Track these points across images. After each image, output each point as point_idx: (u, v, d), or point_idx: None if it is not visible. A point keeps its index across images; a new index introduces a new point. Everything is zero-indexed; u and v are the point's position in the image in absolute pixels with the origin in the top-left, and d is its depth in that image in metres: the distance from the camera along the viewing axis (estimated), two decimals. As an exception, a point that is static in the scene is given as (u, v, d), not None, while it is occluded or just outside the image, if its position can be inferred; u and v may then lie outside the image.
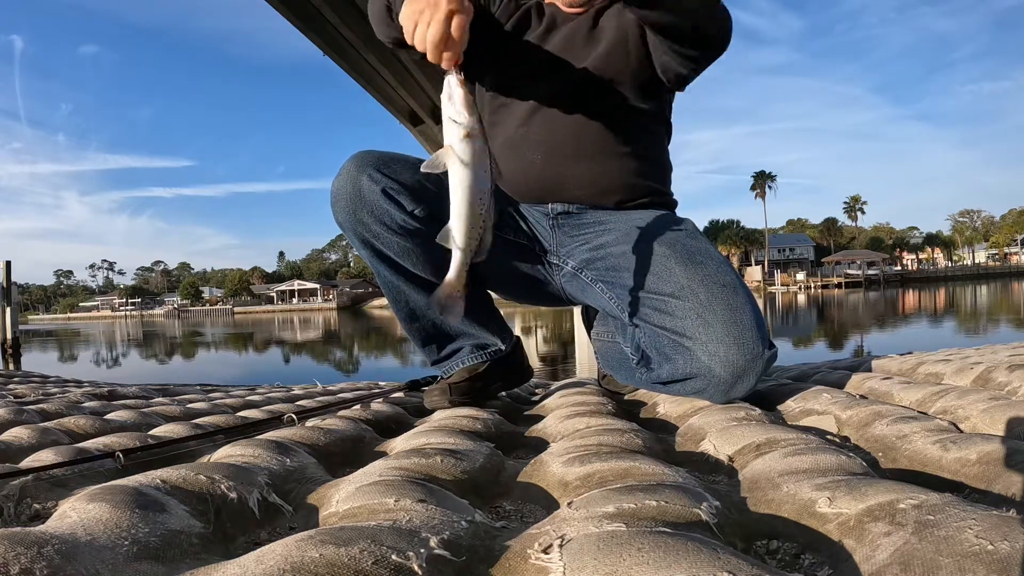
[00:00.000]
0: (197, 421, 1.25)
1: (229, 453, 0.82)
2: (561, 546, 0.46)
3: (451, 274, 0.94)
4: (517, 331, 1.40)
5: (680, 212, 1.36)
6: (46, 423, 1.17)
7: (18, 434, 1.05)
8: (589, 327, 1.57)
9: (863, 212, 72.07)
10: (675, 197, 1.39)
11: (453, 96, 0.88)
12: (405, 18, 0.94)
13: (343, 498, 0.63)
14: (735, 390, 1.03)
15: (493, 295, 1.41)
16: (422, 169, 0.89)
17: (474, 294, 1.31)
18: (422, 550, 0.47)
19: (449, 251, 0.94)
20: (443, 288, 0.96)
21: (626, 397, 1.39)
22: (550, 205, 1.27)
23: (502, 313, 1.40)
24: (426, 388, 1.37)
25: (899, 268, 63.15)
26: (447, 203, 1.24)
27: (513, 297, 1.44)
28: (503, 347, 1.34)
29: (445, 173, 0.89)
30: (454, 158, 0.87)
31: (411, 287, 1.25)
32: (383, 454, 0.94)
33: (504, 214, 1.29)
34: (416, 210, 1.17)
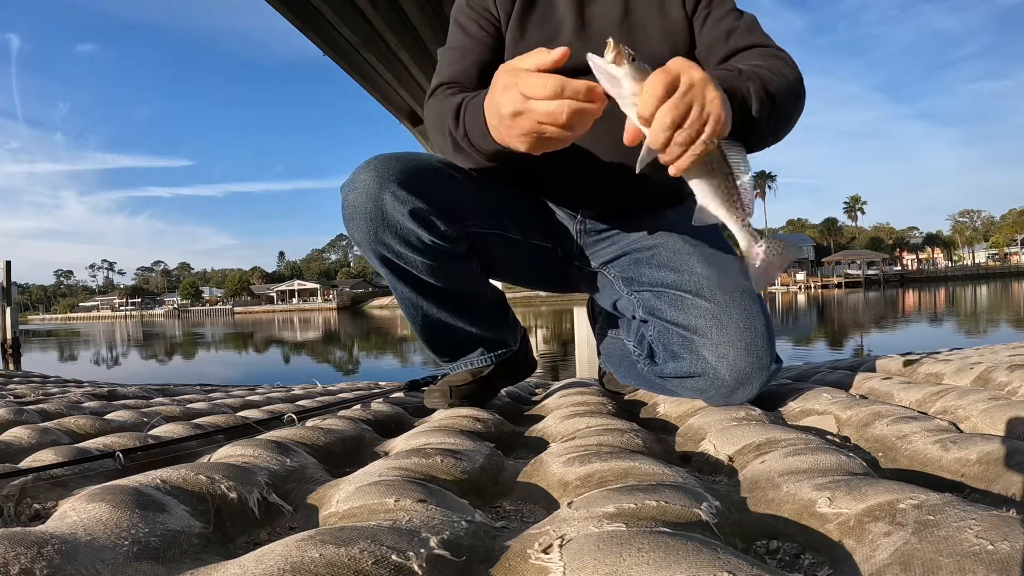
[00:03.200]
0: (197, 421, 1.25)
1: (229, 453, 0.82)
2: (561, 546, 0.46)
3: (743, 245, 0.77)
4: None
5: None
6: (46, 423, 1.17)
7: (18, 434, 1.05)
8: (594, 321, 1.57)
9: (863, 212, 72.19)
10: None
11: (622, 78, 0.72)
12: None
13: (343, 498, 0.64)
14: (736, 395, 1.03)
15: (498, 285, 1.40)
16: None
17: (491, 295, 1.29)
18: (422, 550, 0.47)
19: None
20: (749, 262, 0.79)
21: (626, 397, 1.39)
22: (579, 214, 1.24)
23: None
24: (426, 388, 1.37)
25: (899, 268, 63.17)
26: (475, 211, 1.18)
27: (525, 286, 1.42)
28: (514, 347, 1.33)
29: None
30: None
31: (430, 300, 1.20)
32: (383, 454, 0.94)
33: (530, 219, 1.25)
34: (448, 230, 1.08)
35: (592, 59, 0.74)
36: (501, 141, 0.86)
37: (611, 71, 0.73)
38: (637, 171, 0.76)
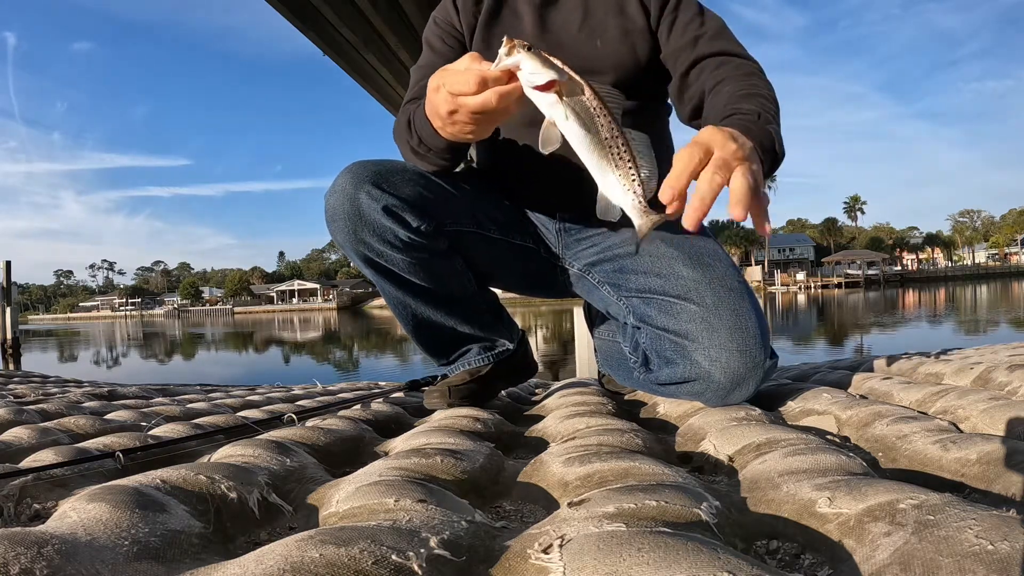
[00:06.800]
0: (197, 421, 1.25)
1: (229, 453, 0.82)
2: (561, 546, 0.46)
3: (636, 222, 0.75)
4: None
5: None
6: (46, 423, 1.17)
7: (18, 434, 1.05)
8: (592, 324, 1.57)
9: (863, 212, 72.27)
10: None
11: (522, 66, 0.75)
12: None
13: (343, 498, 0.64)
14: (733, 396, 1.03)
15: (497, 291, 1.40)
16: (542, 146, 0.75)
17: (481, 295, 1.30)
18: (422, 550, 0.47)
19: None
20: (639, 234, 0.77)
21: (626, 397, 1.39)
22: (557, 215, 1.25)
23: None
24: (426, 388, 1.37)
25: (899, 268, 63.20)
26: (451, 209, 1.20)
27: (517, 291, 1.43)
28: (511, 346, 1.33)
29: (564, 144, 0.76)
30: (558, 125, 0.75)
31: (417, 300, 1.22)
32: (383, 454, 0.94)
33: (509, 219, 1.27)
34: (422, 226, 1.11)
35: (498, 62, 0.79)
36: (451, 136, 0.91)
37: (508, 62, 0.78)
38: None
